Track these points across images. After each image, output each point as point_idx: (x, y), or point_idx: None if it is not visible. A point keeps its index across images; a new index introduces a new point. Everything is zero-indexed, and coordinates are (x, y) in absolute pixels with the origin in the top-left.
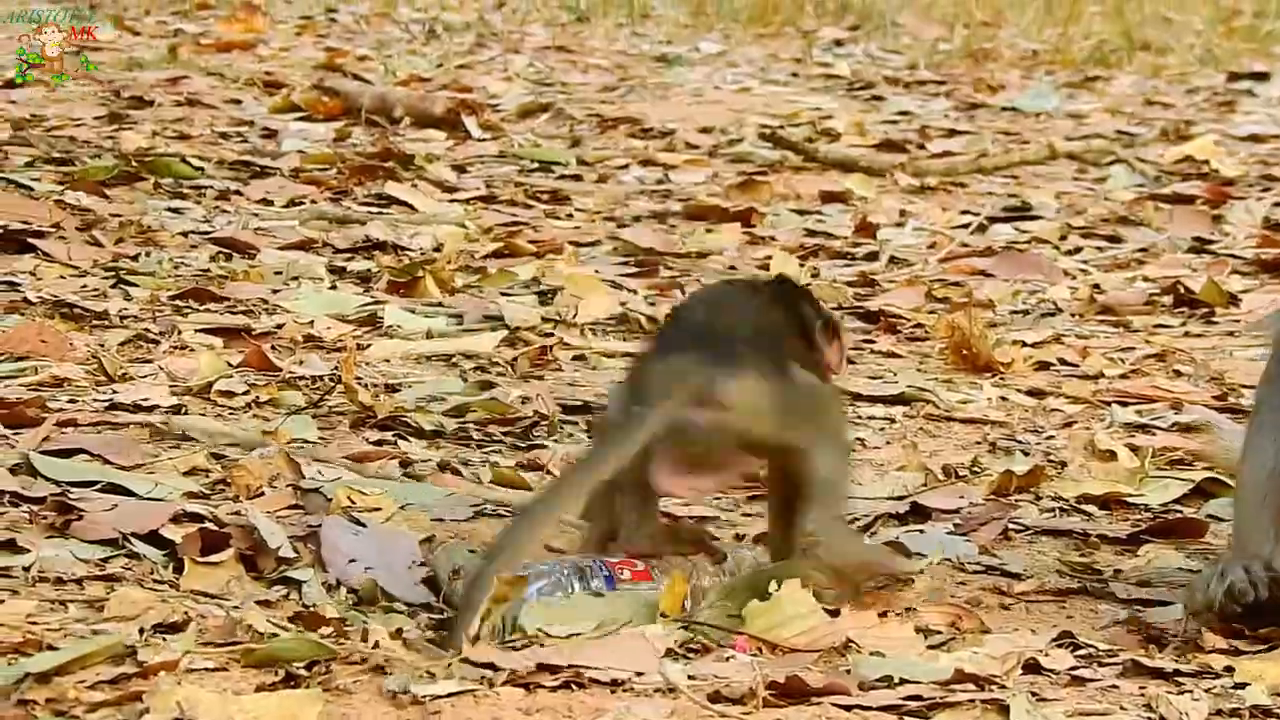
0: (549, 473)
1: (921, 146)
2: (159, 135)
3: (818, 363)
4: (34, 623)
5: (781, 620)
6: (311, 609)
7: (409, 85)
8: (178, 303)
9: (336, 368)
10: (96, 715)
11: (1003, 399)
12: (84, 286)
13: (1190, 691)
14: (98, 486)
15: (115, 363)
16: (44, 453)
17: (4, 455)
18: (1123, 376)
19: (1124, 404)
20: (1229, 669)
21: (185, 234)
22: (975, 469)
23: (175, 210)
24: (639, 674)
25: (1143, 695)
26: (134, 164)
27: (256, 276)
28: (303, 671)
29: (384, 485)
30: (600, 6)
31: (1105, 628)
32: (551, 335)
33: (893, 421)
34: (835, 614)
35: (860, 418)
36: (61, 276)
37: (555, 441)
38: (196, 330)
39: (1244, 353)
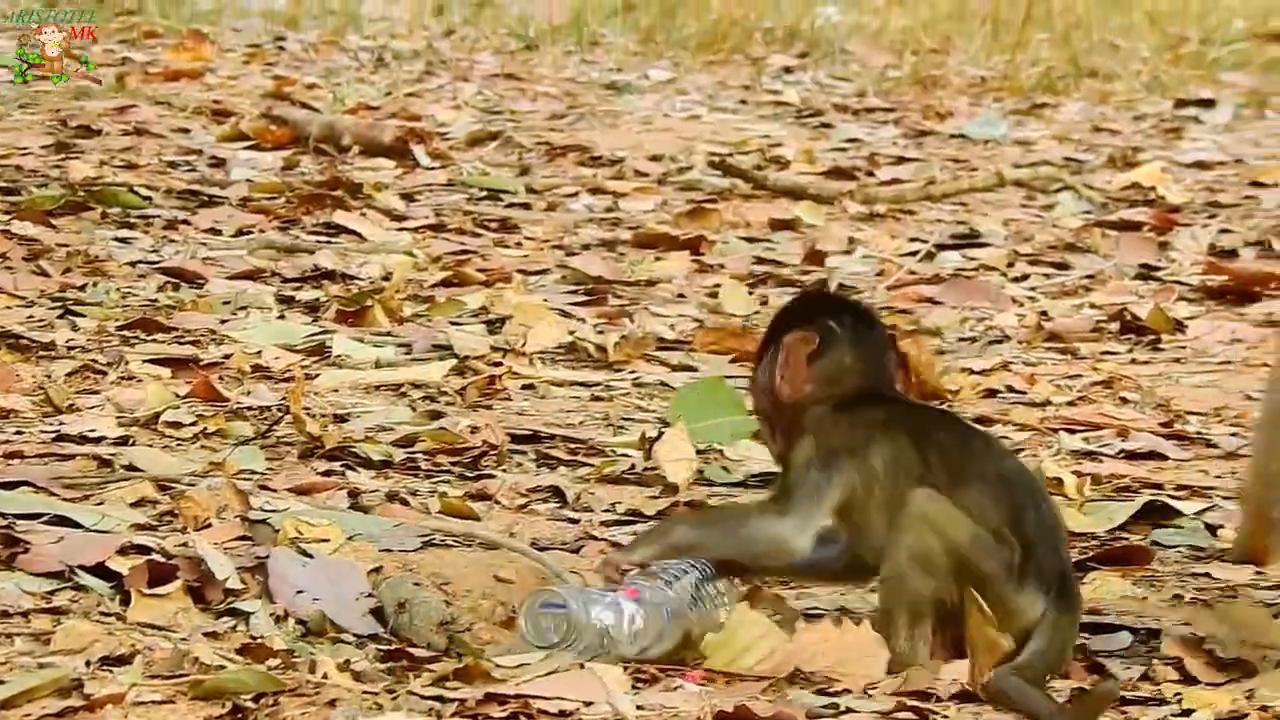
0: (497, 503)
1: (870, 174)
2: (106, 164)
3: None
4: None
5: (741, 649)
6: (259, 640)
7: (357, 113)
8: (125, 333)
9: (284, 398)
10: None
11: None
12: (30, 317)
13: None
14: (44, 519)
15: (62, 393)
16: None
17: None
18: (1070, 404)
19: (1071, 431)
20: (1178, 696)
21: (133, 264)
22: None
23: (123, 240)
24: (587, 704)
25: None
26: (81, 193)
27: (204, 306)
28: (250, 704)
29: (332, 516)
30: (549, 34)
31: None
32: (500, 364)
33: None
34: (790, 629)
35: None
36: (8, 307)
37: (504, 471)
38: (144, 361)
39: (1190, 379)
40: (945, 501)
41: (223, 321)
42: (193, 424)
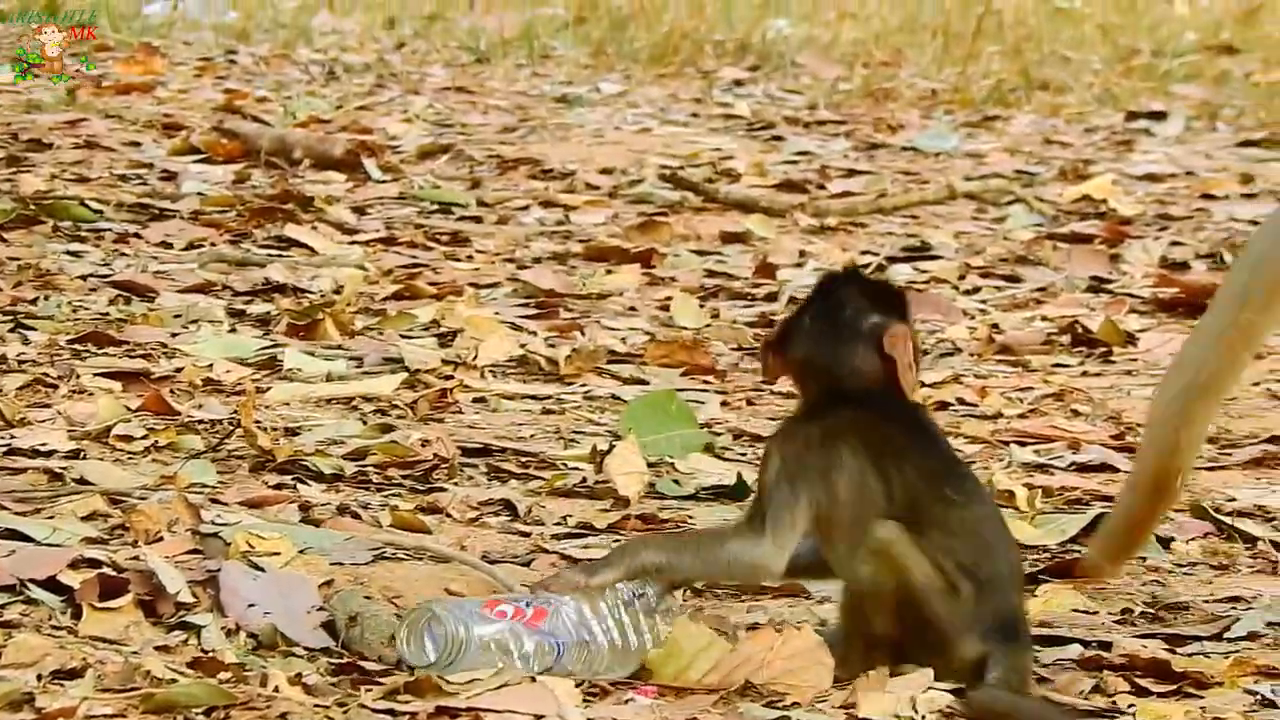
0: (449, 516)
1: (821, 186)
2: (57, 178)
3: None
4: None
5: (687, 662)
6: (210, 654)
7: (308, 127)
8: (76, 347)
9: (235, 411)
10: None
11: None
12: None
13: None
14: None
15: (13, 407)
16: None
17: None
18: (1021, 416)
19: (1022, 444)
20: (1132, 707)
21: (84, 277)
22: None
23: (74, 253)
24: (539, 718)
25: None
26: (32, 207)
27: (155, 320)
28: (201, 717)
29: (283, 529)
30: (500, 47)
31: None
32: (451, 378)
33: None
34: (733, 639)
35: (759, 459)
36: None
37: (455, 484)
38: (95, 374)
39: (1141, 391)
40: (906, 539)
41: (174, 335)
42: (144, 437)
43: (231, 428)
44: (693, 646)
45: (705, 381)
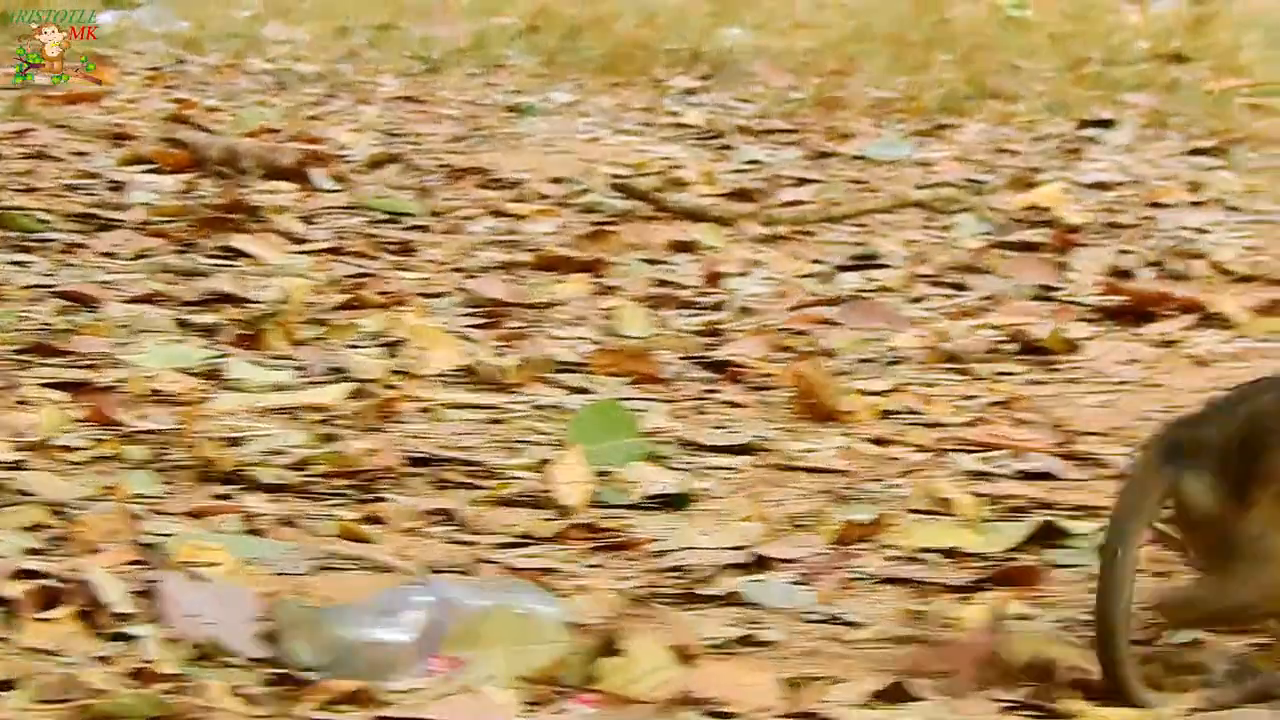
0: (392, 525)
1: (771, 195)
2: (4, 188)
3: None
4: None
5: (638, 675)
6: (150, 665)
7: (258, 136)
8: (21, 357)
9: (180, 422)
10: None
11: (847, 448)
12: None
13: None
14: None
15: None
16: None
17: None
18: (967, 424)
19: (967, 451)
20: (1080, 712)
21: (30, 287)
22: (818, 518)
23: (20, 263)
24: None
25: None
26: None
27: (101, 330)
28: None
29: (226, 540)
30: (453, 56)
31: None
32: (397, 387)
33: (737, 471)
34: (688, 662)
35: (704, 467)
36: None
37: (399, 494)
38: (40, 384)
39: (1087, 400)
40: None
41: (119, 345)
42: (87, 448)
43: (175, 438)
44: (649, 663)
45: (651, 390)
